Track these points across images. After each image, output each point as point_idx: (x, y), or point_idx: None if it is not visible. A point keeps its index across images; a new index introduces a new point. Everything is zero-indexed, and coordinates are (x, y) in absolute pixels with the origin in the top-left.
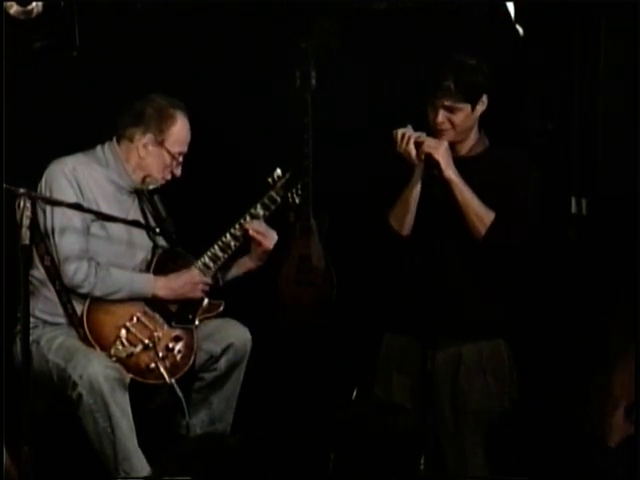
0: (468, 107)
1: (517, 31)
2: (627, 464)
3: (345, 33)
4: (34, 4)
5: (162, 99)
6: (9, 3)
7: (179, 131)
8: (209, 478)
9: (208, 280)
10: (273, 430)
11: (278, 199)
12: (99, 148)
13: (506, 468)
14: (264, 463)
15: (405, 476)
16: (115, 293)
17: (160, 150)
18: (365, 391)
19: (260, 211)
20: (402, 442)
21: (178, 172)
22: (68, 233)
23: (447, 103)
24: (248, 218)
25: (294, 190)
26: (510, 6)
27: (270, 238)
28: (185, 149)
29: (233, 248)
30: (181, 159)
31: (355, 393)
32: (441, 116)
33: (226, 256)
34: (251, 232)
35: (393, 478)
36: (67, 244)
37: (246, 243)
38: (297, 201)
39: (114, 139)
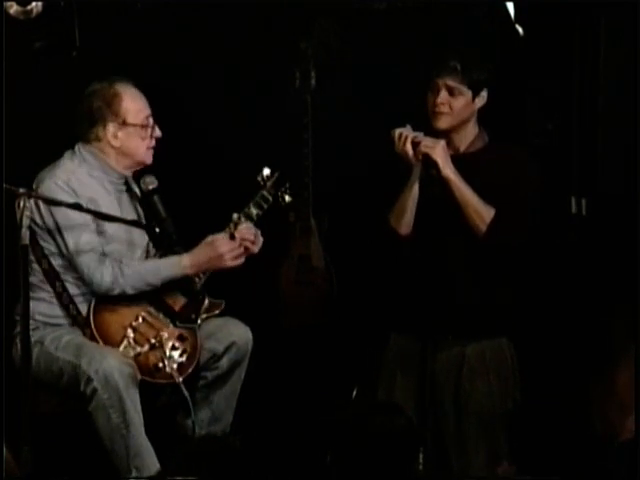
0: (469, 94)
1: (517, 31)
2: (630, 464)
3: (345, 33)
4: (34, 4)
5: (97, 85)
6: (9, 3)
7: (132, 101)
8: (210, 478)
9: (235, 244)
10: (273, 430)
11: (270, 198)
12: (76, 149)
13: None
14: (264, 463)
15: (404, 476)
16: (147, 286)
17: (128, 129)
18: (365, 391)
19: (253, 210)
20: (401, 442)
21: (158, 133)
22: (84, 239)
23: (450, 83)
24: (242, 217)
25: (283, 189)
26: (510, 6)
27: (257, 244)
28: (148, 111)
29: None
30: (151, 121)
31: (355, 393)
32: (442, 96)
33: None
34: (238, 240)
35: (392, 478)
36: (85, 250)
37: None
38: (287, 200)
39: (80, 143)
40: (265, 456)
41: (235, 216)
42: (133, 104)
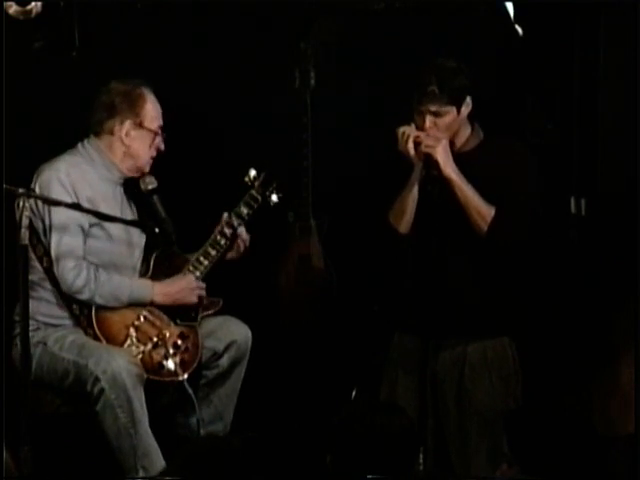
0: (454, 110)
1: (517, 31)
2: (630, 459)
3: (345, 33)
4: (34, 4)
5: (124, 84)
6: (9, 3)
7: (152, 107)
8: (210, 478)
9: (203, 285)
10: (273, 430)
11: (259, 197)
12: (80, 146)
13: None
14: (264, 463)
15: (404, 476)
16: (114, 300)
17: (142, 132)
18: (365, 391)
19: (244, 209)
20: (401, 442)
21: (162, 146)
22: (66, 238)
23: (433, 108)
24: (233, 217)
25: (270, 189)
26: (510, 6)
27: (246, 250)
28: (161, 121)
29: (224, 246)
30: (160, 132)
31: (355, 393)
32: (428, 122)
33: (218, 254)
34: (240, 240)
35: (392, 478)
36: (66, 250)
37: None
38: (274, 200)
39: (91, 136)
40: (265, 456)
41: (225, 215)
42: (153, 110)
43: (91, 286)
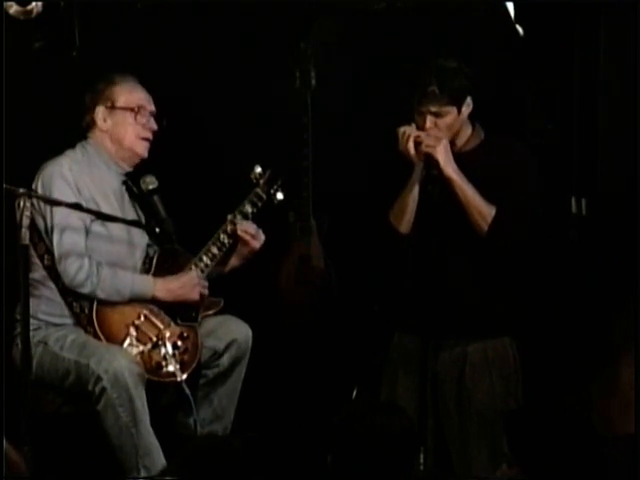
0: (454, 110)
1: (517, 31)
2: (629, 458)
3: (345, 33)
4: (34, 4)
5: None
6: (9, 3)
7: (124, 87)
8: (210, 478)
9: (205, 283)
10: (273, 430)
11: (264, 196)
12: (79, 146)
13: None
14: (264, 463)
15: (404, 476)
16: (116, 294)
17: (117, 113)
18: (365, 391)
19: (248, 208)
20: (401, 442)
21: (154, 125)
22: (68, 233)
23: (433, 109)
24: (238, 216)
25: (275, 187)
26: (510, 6)
27: (258, 239)
28: (142, 102)
29: (227, 245)
30: (146, 111)
31: (355, 393)
32: (429, 122)
33: (221, 253)
34: (240, 232)
35: (392, 478)
36: (68, 244)
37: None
38: (278, 198)
39: (86, 136)
40: (265, 456)
41: (230, 216)
42: (125, 90)
43: (93, 280)
